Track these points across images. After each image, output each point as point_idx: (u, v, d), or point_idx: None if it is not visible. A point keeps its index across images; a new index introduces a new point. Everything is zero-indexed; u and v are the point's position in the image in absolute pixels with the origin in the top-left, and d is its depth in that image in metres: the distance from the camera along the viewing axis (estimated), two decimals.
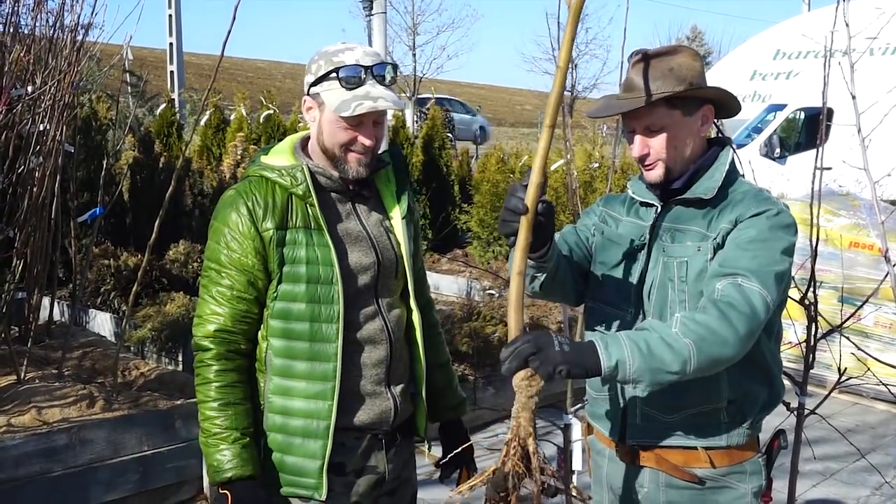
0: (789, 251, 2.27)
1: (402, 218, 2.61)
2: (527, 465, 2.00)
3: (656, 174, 2.41)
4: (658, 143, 2.38)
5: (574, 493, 2.23)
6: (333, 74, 2.42)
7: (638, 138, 2.41)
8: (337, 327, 2.42)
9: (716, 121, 2.50)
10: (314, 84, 2.47)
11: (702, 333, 2.07)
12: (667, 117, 2.36)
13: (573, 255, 2.61)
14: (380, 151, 2.57)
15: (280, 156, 2.53)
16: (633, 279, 2.46)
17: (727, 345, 2.07)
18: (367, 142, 2.45)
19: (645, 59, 2.39)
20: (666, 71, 2.35)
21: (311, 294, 2.41)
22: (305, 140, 2.60)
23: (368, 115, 2.43)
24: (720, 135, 2.55)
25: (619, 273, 2.51)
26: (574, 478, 3.31)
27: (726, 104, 2.46)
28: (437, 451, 2.76)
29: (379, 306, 2.54)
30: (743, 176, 2.49)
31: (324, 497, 2.44)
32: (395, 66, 2.53)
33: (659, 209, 2.46)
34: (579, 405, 2.99)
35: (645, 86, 2.34)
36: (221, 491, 2.39)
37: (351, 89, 2.40)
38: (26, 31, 5.34)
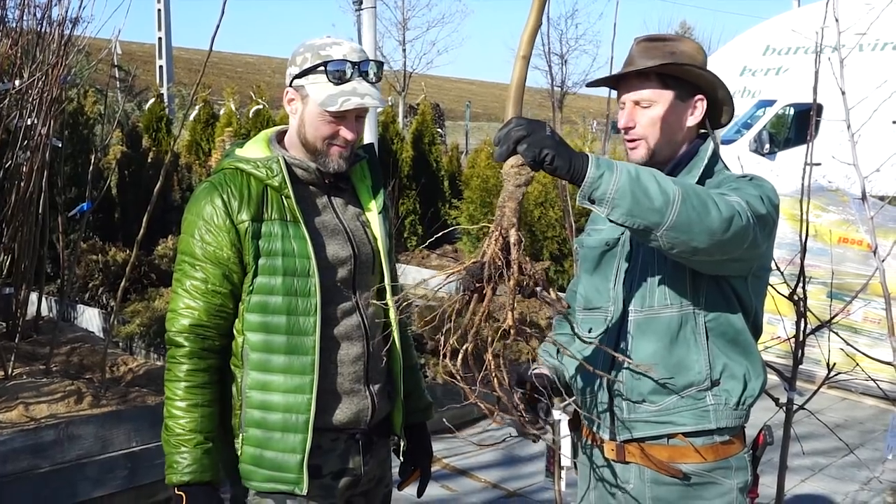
0: (767, 201, 2.24)
1: (379, 213, 2.60)
2: (506, 256, 1.93)
3: (639, 154, 2.42)
4: (646, 119, 2.39)
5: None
6: (321, 68, 2.41)
7: (627, 107, 2.42)
8: (314, 320, 2.40)
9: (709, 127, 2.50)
10: (299, 76, 2.45)
11: (690, 192, 2.02)
12: (659, 94, 2.38)
13: None
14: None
15: (255, 148, 2.52)
16: (612, 275, 2.48)
17: (709, 215, 2.01)
18: (350, 136, 2.45)
19: (650, 39, 2.42)
20: (667, 53, 2.37)
21: (288, 287, 2.39)
22: (281, 133, 2.59)
23: (352, 111, 2.42)
24: (706, 129, 2.55)
25: (599, 275, 2.53)
26: (563, 473, 3.30)
27: (719, 101, 2.46)
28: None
29: (357, 302, 2.53)
30: (728, 169, 2.49)
31: (304, 492, 2.41)
32: (380, 64, 2.52)
33: None
34: (567, 401, 2.98)
35: (643, 61, 2.38)
36: (177, 492, 2.37)
37: (338, 84, 2.39)
38: (13, 25, 5.32)
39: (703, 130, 2.51)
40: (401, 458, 2.79)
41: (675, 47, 2.39)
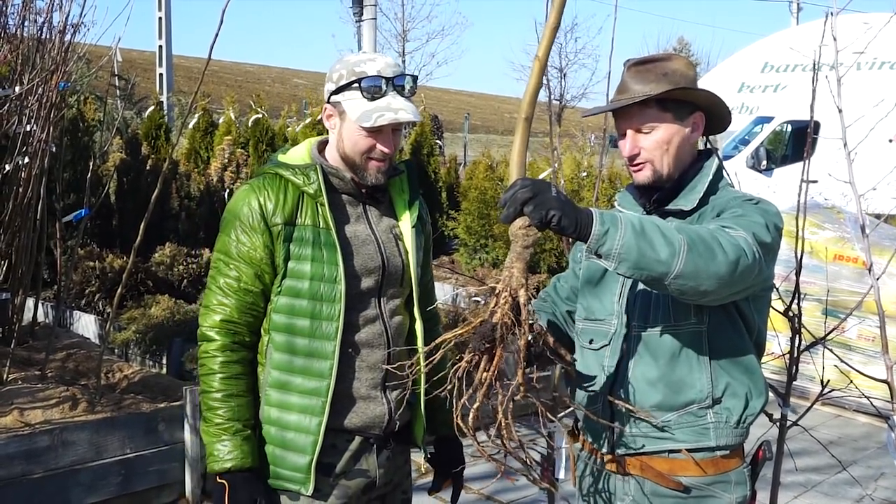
0: (772, 228, 2.25)
1: (412, 227, 2.65)
2: (516, 316, 1.96)
3: (645, 175, 2.44)
4: (649, 143, 2.40)
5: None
6: (355, 85, 2.46)
7: (629, 136, 2.43)
8: (337, 326, 2.46)
9: (705, 136, 2.52)
10: (335, 93, 2.50)
11: (695, 238, 2.03)
12: (658, 119, 2.39)
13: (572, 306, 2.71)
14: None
15: (297, 155, 2.60)
16: (617, 290, 2.48)
17: (715, 259, 2.02)
18: (386, 150, 2.51)
19: (640, 63, 2.43)
20: (660, 75, 2.38)
21: (314, 291, 2.45)
22: (324, 143, 2.64)
23: (388, 125, 2.47)
24: (708, 145, 2.57)
25: (603, 288, 2.53)
26: (558, 485, 3.31)
27: (717, 115, 2.48)
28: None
29: (381, 311, 2.57)
30: (731, 185, 2.50)
31: (310, 493, 2.46)
32: (415, 78, 2.57)
33: None
34: (563, 413, 2.98)
35: (638, 86, 2.38)
36: (219, 480, 2.42)
37: (372, 100, 2.45)
38: (14, 31, 5.33)
39: (704, 147, 2.53)
40: (421, 469, 2.81)
41: (667, 67, 2.40)
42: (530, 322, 1.98)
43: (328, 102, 2.54)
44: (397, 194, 2.68)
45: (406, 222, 2.65)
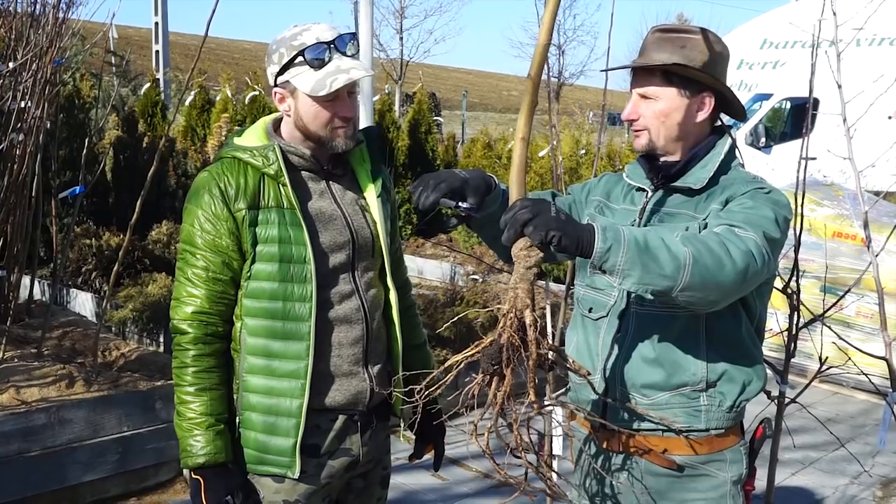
0: (781, 222, 2.25)
1: (378, 196, 2.61)
2: (523, 336, 1.96)
3: (640, 143, 2.44)
4: (648, 111, 2.40)
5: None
6: (300, 58, 2.41)
7: (633, 100, 2.43)
8: (310, 306, 2.43)
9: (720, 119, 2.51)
10: (281, 73, 2.45)
11: (701, 249, 2.02)
12: (661, 89, 2.37)
13: None
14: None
15: (252, 137, 2.54)
16: None
17: (724, 270, 2.01)
18: (347, 113, 2.47)
19: (664, 31, 2.42)
20: (677, 47, 2.36)
21: (284, 273, 2.42)
22: (278, 121, 2.59)
23: (343, 88, 2.42)
24: (721, 123, 2.54)
25: None
26: (555, 463, 3.31)
27: (727, 99, 2.45)
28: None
29: (356, 285, 2.54)
30: (742, 165, 2.48)
31: (296, 475, 2.45)
32: (353, 34, 2.52)
33: (650, 194, 2.47)
34: (561, 391, 2.98)
35: (653, 53, 2.39)
36: (194, 476, 2.42)
37: (320, 68, 2.40)
38: (6, 6, 5.28)
39: (717, 124, 2.50)
40: (401, 438, 2.81)
41: (688, 41, 2.36)
42: (538, 340, 1.98)
43: (276, 86, 2.48)
44: (359, 165, 2.64)
45: (371, 193, 2.62)
